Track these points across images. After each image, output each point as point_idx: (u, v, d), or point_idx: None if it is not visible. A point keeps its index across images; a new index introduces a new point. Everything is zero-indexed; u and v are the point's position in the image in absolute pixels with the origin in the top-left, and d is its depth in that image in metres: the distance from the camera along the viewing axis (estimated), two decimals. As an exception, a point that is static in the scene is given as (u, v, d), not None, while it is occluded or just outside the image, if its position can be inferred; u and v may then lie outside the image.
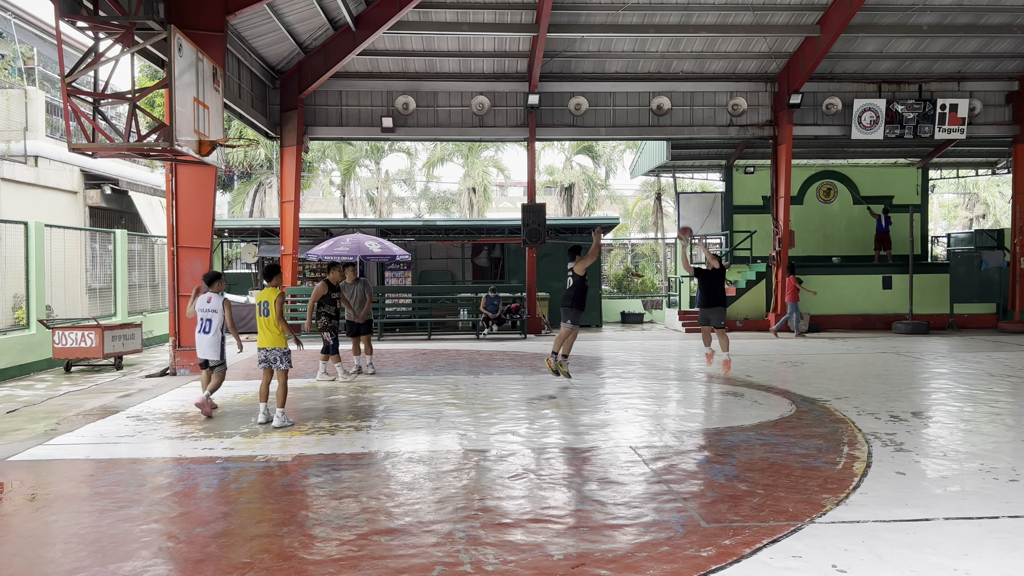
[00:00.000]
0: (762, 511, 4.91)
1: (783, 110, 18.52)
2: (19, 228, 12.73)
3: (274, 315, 7.68)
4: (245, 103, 15.20)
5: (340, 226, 21.60)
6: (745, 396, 9.37)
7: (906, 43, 17.98)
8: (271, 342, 7.72)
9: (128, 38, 9.70)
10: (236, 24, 13.76)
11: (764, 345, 15.67)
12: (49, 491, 5.57)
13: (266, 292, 7.77)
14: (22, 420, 8.29)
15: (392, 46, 17.45)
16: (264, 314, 7.70)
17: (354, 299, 11.27)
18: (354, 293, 11.31)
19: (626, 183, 40.69)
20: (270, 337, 7.72)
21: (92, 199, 19.10)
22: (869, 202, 22.07)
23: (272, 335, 7.71)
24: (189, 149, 9.88)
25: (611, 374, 11.52)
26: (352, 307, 11.20)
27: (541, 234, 18.05)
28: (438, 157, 35.70)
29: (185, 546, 4.40)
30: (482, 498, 5.26)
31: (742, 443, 6.83)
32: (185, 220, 11.78)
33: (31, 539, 4.57)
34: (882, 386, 10.07)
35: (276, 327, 7.70)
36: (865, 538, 4.42)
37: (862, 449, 6.53)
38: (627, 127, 18.93)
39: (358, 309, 11.27)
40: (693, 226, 22.80)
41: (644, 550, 4.27)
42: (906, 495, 5.24)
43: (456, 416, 8.15)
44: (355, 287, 11.34)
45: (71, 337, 12.25)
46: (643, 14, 16.57)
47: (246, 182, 31.08)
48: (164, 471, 6.08)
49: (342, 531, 4.60)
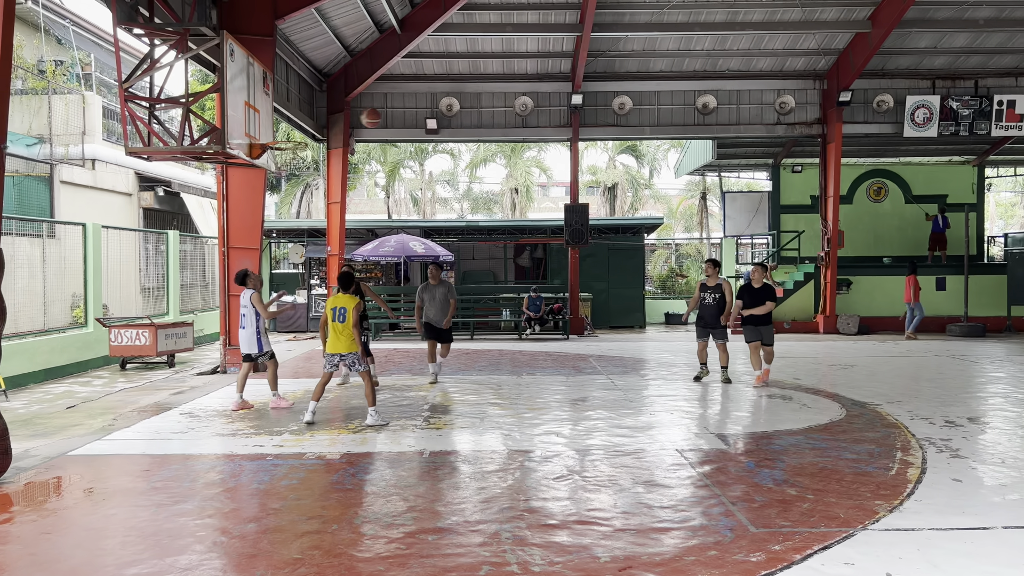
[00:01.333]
0: (812, 517, 4.83)
1: (832, 108, 18.16)
2: (77, 229, 13.14)
3: (351, 321, 7.71)
4: (293, 106, 15.46)
5: (385, 227, 21.82)
6: (793, 399, 9.22)
7: (961, 38, 17.48)
8: (346, 347, 7.75)
9: (182, 44, 9.94)
10: (284, 28, 14.01)
11: (812, 347, 15.40)
12: (107, 485, 5.75)
13: (343, 298, 7.76)
14: (81, 416, 8.56)
15: (436, 48, 17.57)
16: (340, 320, 7.69)
17: (434, 302, 10.40)
18: (435, 296, 10.44)
19: (670, 182, 40.25)
20: (344, 343, 7.74)
21: (146, 201, 19.62)
22: (921, 201, 21.52)
23: (347, 340, 7.74)
24: (240, 152, 10.09)
25: (655, 376, 11.44)
26: (423, 310, 10.41)
27: (584, 234, 18.00)
28: (481, 158, 35.83)
29: (238, 541, 4.50)
30: (527, 499, 5.27)
31: (791, 447, 6.73)
32: (235, 221, 12.03)
33: (91, 532, 4.72)
34: (936, 390, 9.82)
35: (351, 333, 7.75)
36: (920, 546, 4.32)
37: (916, 455, 6.38)
38: (672, 126, 18.76)
39: (438, 315, 10.40)
40: (740, 226, 22.52)
41: (692, 554, 4.23)
42: (963, 502, 5.11)
43: (500, 416, 8.18)
44: (437, 289, 10.45)
45: (126, 335, 12.60)
46: (688, 12, 16.40)
47: (293, 184, 31.61)
48: (216, 467, 6.22)
49: (390, 529, 4.66)
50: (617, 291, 20.71)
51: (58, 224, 13.49)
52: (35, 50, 17.75)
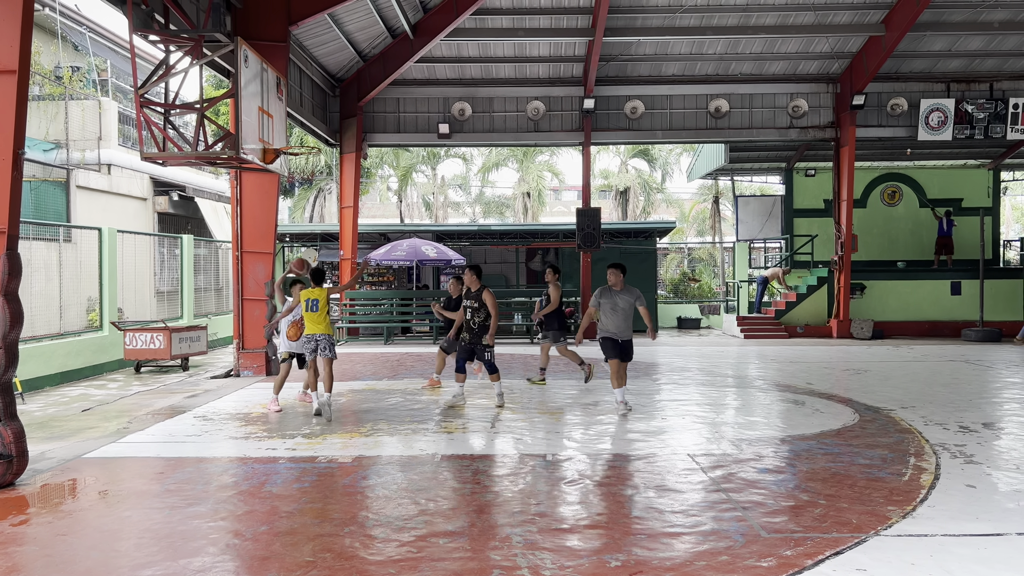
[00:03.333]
0: (824, 522, 4.81)
1: (845, 111, 18.09)
2: (93, 234, 13.27)
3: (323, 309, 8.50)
4: (306, 111, 15.55)
5: (397, 231, 21.91)
6: (806, 404, 9.17)
7: (976, 40, 17.37)
8: (321, 330, 8.48)
9: (197, 50, 10.03)
10: (298, 34, 14.10)
11: (825, 352, 15.31)
12: (122, 487, 5.80)
13: (316, 291, 8.50)
14: (96, 419, 8.64)
15: (449, 53, 17.63)
16: (314, 309, 8.46)
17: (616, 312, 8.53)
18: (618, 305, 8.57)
19: (683, 186, 40.18)
20: (321, 327, 8.48)
21: (160, 205, 19.79)
22: (937, 205, 21.36)
23: (323, 325, 8.48)
24: (254, 157, 10.16)
25: (667, 380, 11.41)
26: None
27: (596, 238, 17.99)
28: (493, 162, 35.88)
29: (250, 544, 4.53)
30: (538, 503, 5.28)
31: (803, 452, 6.70)
32: (249, 226, 12.11)
33: (106, 534, 4.76)
34: (951, 395, 9.75)
35: (326, 318, 8.52)
36: (933, 552, 4.29)
37: (930, 460, 6.34)
38: (684, 130, 18.74)
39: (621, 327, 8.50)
40: (752, 230, 22.39)
41: (703, 559, 4.23)
42: (977, 509, 5.07)
43: (511, 420, 8.18)
44: (620, 296, 8.55)
45: (141, 339, 12.70)
46: (701, 16, 16.40)
47: (307, 188, 31.77)
48: (229, 470, 6.26)
49: (401, 532, 4.68)
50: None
51: (74, 228, 13.64)
52: (52, 56, 17.95)
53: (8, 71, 5.81)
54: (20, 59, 5.82)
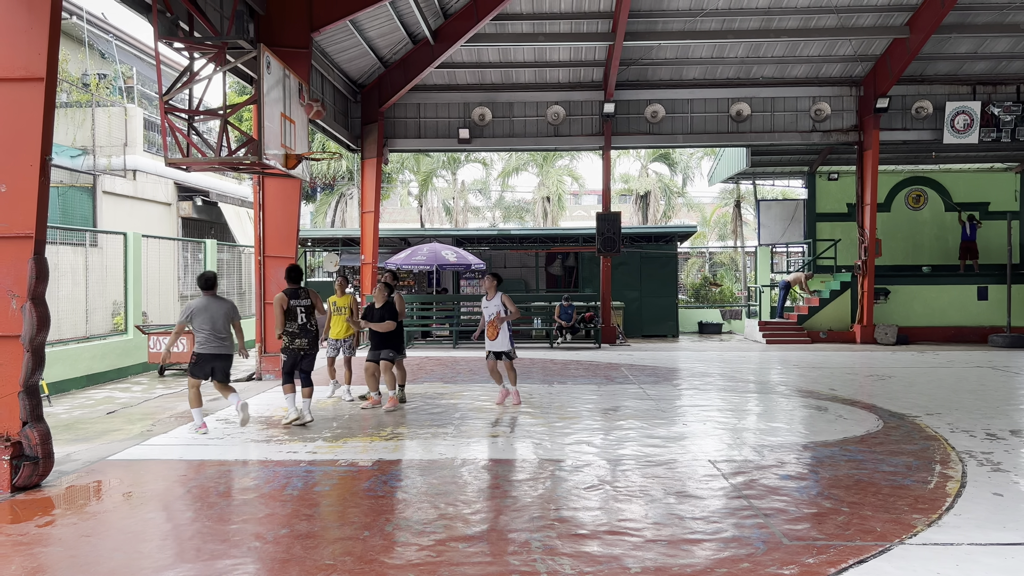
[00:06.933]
0: (848, 530, 4.75)
1: (869, 114, 17.92)
2: (118, 239, 13.45)
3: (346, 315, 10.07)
4: (328, 117, 15.66)
5: (418, 236, 21.99)
6: (829, 410, 9.08)
7: (1002, 43, 17.15)
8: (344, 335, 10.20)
9: (220, 57, 10.14)
10: (320, 40, 14.22)
11: (849, 357, 15.15)
12: (145, 489, 5.86)
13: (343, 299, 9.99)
14: (120, 421, 8.74)
15: (469, 58, 17.70)
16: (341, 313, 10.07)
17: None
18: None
19: (704, 190, 40.05)
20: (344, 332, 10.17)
21: (184, 210, 20.02)
22: (963, 209, 21.07)
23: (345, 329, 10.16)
24: (276, 163, 10.25)
25: (688, 386, 11.34)
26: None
27: (616, 243, 17.95)
28: (513, 167, 35.92)
29: (272, 546, 4.56)
30: (558, 508, 5.27)
31: (826, 459, 6.63)
32: (271, 230, 12.22)
33: (130, 535, 4.81)
34: (977, 402, 9.60)
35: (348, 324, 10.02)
36: (960, 561, 4.22)
37: (956, 468, 6.24)
38: (705, 134, 18.67)
39: None
40: (775, 234, 22.22)
41: (723, 566, 4.19)
42: (1004, 517, 4.98)
43: (531, 425, 8.17)
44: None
45: (164, 342, 12.84)
46: (722, 20, 16.33)
47: (328, 193, 31.98)
48: (251, 473, 6.31)
49: (421, 536, 4.68)
50: (650, 300, 20.60)
51: (100, 233, 13.84)
52: (79, 64, 18.25)
53: (36, 79, 5.91)
54: (48, 67, 5.92)
